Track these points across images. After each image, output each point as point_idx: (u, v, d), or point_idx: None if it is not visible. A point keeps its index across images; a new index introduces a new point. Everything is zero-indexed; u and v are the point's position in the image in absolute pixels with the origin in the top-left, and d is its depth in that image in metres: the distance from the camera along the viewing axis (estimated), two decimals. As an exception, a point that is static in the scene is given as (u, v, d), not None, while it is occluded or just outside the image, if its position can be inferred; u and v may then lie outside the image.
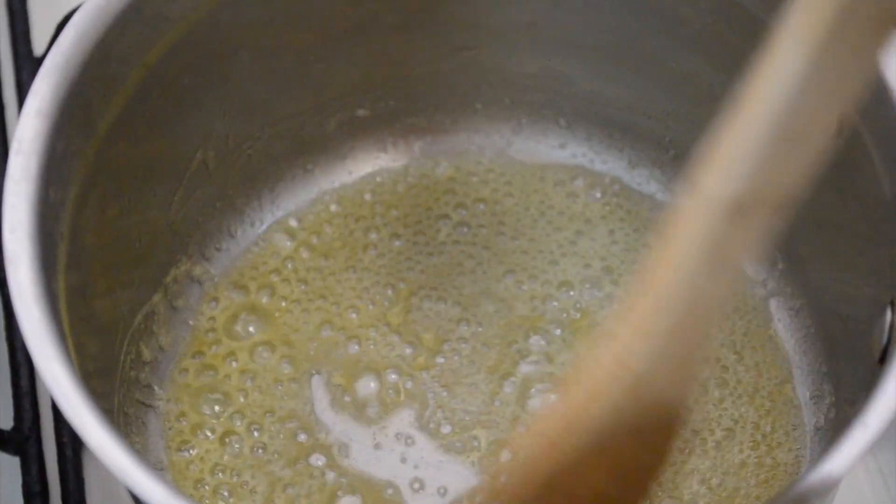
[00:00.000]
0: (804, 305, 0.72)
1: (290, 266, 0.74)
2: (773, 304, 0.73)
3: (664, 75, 0.70)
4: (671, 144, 0.75)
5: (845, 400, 0.67)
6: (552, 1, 0.69)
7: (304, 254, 0.74)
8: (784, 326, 0.72)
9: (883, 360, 0.57)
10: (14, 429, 0.71)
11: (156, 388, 0.70)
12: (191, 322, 0.72)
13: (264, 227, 0.75)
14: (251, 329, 0.72)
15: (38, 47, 0.80)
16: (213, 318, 0.72)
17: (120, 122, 0.61)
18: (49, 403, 0.72)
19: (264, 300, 0.73)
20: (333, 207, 0.76)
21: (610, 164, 0.76)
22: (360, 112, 0.75)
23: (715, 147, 0.46)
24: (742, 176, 0.45)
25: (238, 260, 0.74)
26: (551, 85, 0.74)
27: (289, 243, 0.75)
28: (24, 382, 0.72)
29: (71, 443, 0.70)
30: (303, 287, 0.73)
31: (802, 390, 0.71)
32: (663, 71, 0.70)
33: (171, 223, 0.70)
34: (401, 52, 0.72)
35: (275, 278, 0.74)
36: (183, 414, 0.70)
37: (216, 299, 0.73)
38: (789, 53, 0.44)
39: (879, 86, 0.57)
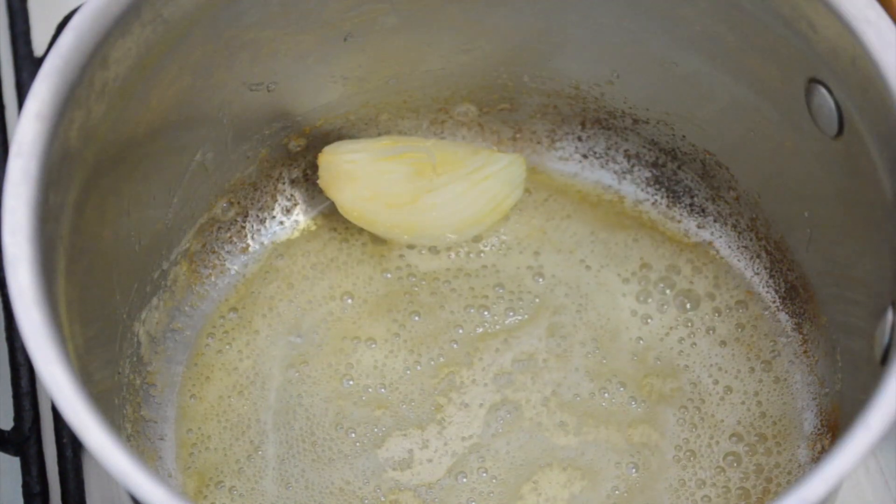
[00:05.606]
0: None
1: (290, 267, 0.74)
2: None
3: (664, 75, 0.70)
4: (671, 144, 0.74)
5: (848, 401, 0.67)
6: (552, 2, 0.69)
7: (305, 254, 0.74)
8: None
9: (884, 361, 0.57)
10: (14, 429, 0.71)
11: (156, 390, 0.70)
12: (190, 325, 0.72)
13: (264, 227, 0.75)
14: (249, 330, 0.73)
15: (38, 48, 0.80)
16: (212, 321, 0.73)
17: (119, 124, 0.61)
18: (49, 404, 0.72)
19: (264, 301, 0.73)
20: (334, 207, 0.76)
21: (609, 164, 0.76)
22: (361, 112, 0.75)
23: None
24: None
25: (237, 262, 0.74)
26: (551, 86, 0.74)
27: (288, 244, 0.75)
28: (24, 383, 0.72)
29: (71, 443, 0.70)
30: (304, 288, 0.73)
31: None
32: (663, 71, 0.70)
33: (170, 225, 0.70)
34: (400, 53, 0.72)
35: (274, 279, 0.74)
36: (183, 415, 0.70)
37: (216, 300, 0.73)
38: None
39: (879, 86, 0.57)
